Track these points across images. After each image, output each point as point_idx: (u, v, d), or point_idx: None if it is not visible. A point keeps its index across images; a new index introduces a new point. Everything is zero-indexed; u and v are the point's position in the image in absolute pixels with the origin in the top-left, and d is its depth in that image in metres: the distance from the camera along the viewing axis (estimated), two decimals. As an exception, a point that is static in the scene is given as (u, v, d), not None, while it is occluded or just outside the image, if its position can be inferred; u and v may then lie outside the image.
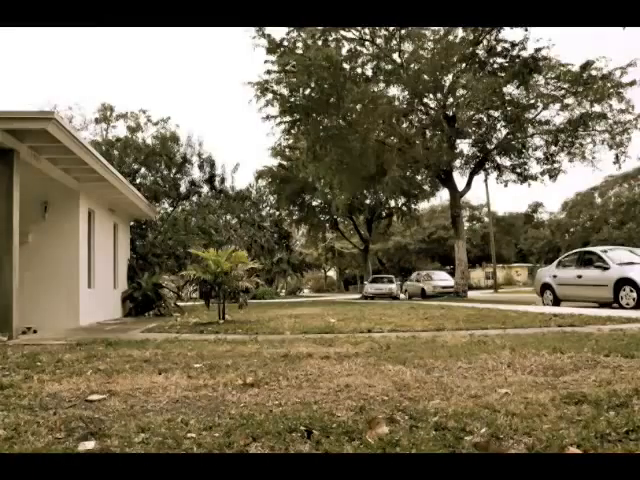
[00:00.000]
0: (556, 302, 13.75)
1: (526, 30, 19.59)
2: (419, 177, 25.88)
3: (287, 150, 33.74)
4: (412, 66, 21.36)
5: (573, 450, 2.16)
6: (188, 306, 17.42)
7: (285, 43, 21.19)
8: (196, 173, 21.55)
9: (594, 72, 19.90)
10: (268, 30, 21.03)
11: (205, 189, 21.88)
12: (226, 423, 2.65)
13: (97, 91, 70.53)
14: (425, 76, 20.98)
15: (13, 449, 2.31)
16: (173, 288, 15.81)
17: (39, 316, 9.45)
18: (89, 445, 2.36)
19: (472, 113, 21.97)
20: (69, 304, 9.99)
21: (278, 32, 26.15)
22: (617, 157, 20.66)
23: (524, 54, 20.50)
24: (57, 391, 3.53)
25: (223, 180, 22.28)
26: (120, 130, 22.71)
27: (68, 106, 24.35)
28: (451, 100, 22.31)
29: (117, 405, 3.12)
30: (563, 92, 20.69)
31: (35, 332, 8.15)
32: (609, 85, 19.83)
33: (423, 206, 42.83)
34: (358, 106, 21.40)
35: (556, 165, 22.29)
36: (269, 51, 21.21)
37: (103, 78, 76.42)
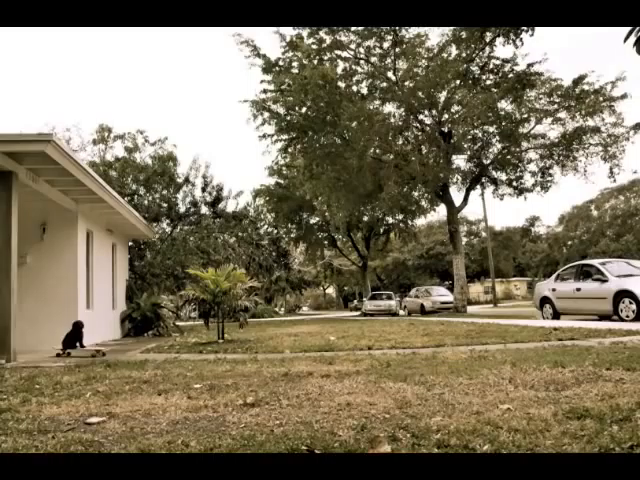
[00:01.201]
0: (555, 316, 13.72)
1: (516, 47, 19.88)
2: (416, 193, 25.99)
3: (284, 168, 33.89)
4: (407, 83, 21.60)
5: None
6: (187, 326, 17.33)
7: (281, 63, 21.48)
8: (197, 194, 21.62)
9: (586, 87, 20.15)
10: (264, 50, 21.39)
11: (204, 209, 21.91)
12: (227, 444, 2.62)
13: (95, 112, 71.23)
14: (420, 93, 21.21)
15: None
16: (172, 308, 15.77)
17: (37, 338, 9.39)
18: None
19: (467, 129, 22.16)
20: (67, 325, 9.92)
21: (274, 52, 26.52)
22: (611, 170, 20.82)
23: (517, 69, 20.80)
24: (56, 414, 3.50)
25: (225, 203, 22.40)
26: (118, 151, 22.74)
27: (66, 128, 24.30)
28: (446, 116, 22.51)
29: (117, 427, 3.09)
30: (555, 106, 20.92)
31: (104, 355, 7.88)
32: (601, 99, 20.05)
33: (421, 222, 43.01)
34: (354, 123, 21.57)
35: (549, 178, 22.49)
36: (265, 71, 21.48)
37: (101, 98, 77.26)
